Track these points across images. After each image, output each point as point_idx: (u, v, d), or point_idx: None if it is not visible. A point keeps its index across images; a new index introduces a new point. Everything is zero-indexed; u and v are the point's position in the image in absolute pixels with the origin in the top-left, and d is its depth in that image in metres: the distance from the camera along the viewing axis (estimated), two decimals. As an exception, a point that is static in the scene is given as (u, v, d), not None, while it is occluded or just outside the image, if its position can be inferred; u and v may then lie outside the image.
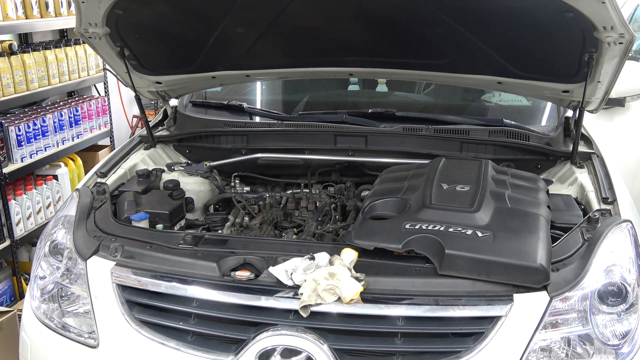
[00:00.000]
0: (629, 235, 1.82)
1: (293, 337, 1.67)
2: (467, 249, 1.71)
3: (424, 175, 2.19)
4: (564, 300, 1.68)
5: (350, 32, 2.39)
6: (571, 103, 2.53)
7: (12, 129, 3.62)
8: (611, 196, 2.12)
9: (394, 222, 1.90)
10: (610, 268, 1.74)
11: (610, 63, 2.16)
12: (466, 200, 1.95)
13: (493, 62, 2.40)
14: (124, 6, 2.28)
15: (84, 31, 2.40)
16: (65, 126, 4.15)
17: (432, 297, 1.69)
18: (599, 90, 2.35)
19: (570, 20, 2.00)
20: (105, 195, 2.25)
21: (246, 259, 1.83)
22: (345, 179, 2.70)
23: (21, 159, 3.69)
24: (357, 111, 2.86)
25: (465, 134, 2.60)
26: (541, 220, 1.89)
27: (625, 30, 1.98)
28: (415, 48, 2.47)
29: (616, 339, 1.69)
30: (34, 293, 2.07)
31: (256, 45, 2.49)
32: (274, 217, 2.46)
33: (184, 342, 1.78)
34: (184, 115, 2.93)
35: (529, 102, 3.10)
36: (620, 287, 1.71)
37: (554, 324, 1.68)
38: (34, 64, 3.90)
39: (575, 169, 2.45)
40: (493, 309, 1.66)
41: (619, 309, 1.71)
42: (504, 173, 2.26)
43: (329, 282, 1.66)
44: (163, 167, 2.69)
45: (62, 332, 1.97)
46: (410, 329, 1.69)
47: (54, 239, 2.08)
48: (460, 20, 2.21)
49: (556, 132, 2.68)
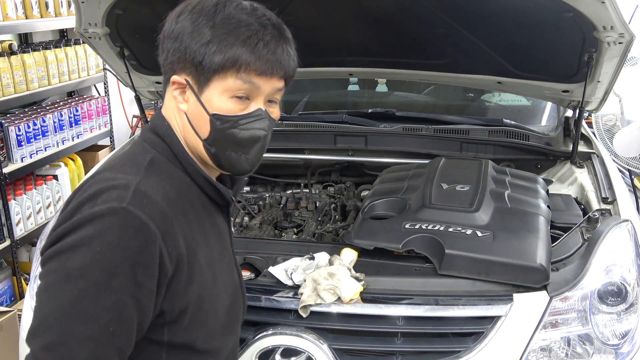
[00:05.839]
0: (629, 235, 1.82)
1: (293, 337, 1.67)
2: (467, 248, 1.71)
3: (424, 175, 2.19)
4: (563, 300, 1.68)
5: (350, 32, 2.39)
6: (571, 103, 2.53)
7: (12, 129, 3.62)
8: (611, 196, 2.12)
9: (394, 222, 1.90)
10: (610, 268, 1.74)
11: (610, 63, 2.16)
12: (466, 200, 1.95)
13: (493, 62, 2.40)
14: (123, 6, 2.28)
15: (84, 31, 2.40)
16: (65, 126, 4.15)
17: (431, 297, 1.69)
18: (599, 90, 2.35)
19: (570, 20, 2.01)
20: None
21: (246, 259, 1.83)
22: (345, 179, 2.70)
23: (21, 159, 3.69)
24: (357, 111, 2.86)
25: (465, 134, 2.60)
26: (541, 220, 1.89)
27: (625, 30, 1.98)
28: (415, 48, 2.47)
29: (616, 339, 1.69)
30: (34, 293, 2.07)
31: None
32: (274, 217, 2.46)
33: (183, 342, 1.78)
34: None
35: (529, 102, 3.10)
36: (620, 287, 1.71)
37: (554, 324, 1.68)
38: (34, 64, 3.90)
39: (575, 169, 2.45)
40: (493, 308, 1.66)
41: (619, 308, 1.71)
42: (503, 173, 2.26)
43: (328, 282, 1.66)
44: (163, 167, 2.68)
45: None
46: (410, 329, 1.69)
47: (54, 239, 2.08)
48: (460, 20, 2.22)
49: (556, 132, 2.69)
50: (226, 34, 1.13)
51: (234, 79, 1.14)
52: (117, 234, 1.03)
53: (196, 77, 1.16)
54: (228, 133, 1.18)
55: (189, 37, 1.15)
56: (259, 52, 1.14)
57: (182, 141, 1.22)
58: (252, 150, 1.22)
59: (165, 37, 1.20)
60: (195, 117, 1.19)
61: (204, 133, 1.19)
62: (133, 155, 1.21)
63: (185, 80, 1.18)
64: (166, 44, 1.20)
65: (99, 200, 1.06)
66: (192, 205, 1.20)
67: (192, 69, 1.16)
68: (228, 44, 1.13)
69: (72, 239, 1.03)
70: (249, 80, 1.15)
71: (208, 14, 1.15)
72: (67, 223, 1.06)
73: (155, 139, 1.22)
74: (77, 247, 1.03)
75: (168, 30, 1.20)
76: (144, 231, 1.05)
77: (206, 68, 1.14)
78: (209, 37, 1.13)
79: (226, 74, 1.14)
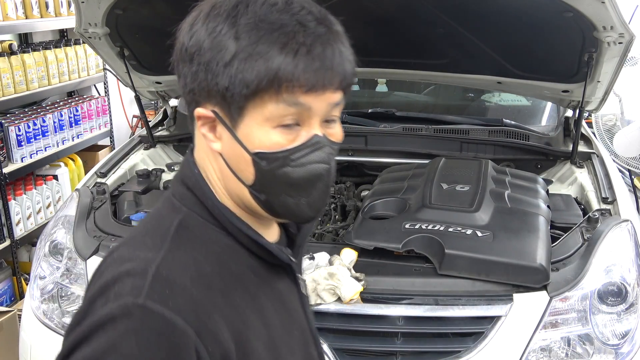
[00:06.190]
0: (629, 235, 1.82)
1: (293, 337, 1.67)
2: (467, 248, 1.71)
3: (424, 175, 2.19)
4: (563, 300, 1.68)
5: (350, 31, 2.38)
6: (571, 103, 2.53)
7: (12, 129, 3.62)
8: (611, 196, 2.12)
9: (394, 222, 1.90)
10: (610, 268, 1.74)
11: (610, 63, 2.16)
12: (466, 200, 1.95)
13: (493, 62, 2.40)
14: (123, 6, 2.28)
15: (84, 31, 2.40)
16: (65, 126, 4.15)
17: (431, 297, 1.69)
18: (599, 90, 2.35)
19: (570, 20, 2.01)
20: (105, 195, 2.25)
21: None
22: (345, 179, 2.70)
23: (21, 159, 3.69)
24: (357, 111, 2.86)
25: (465, 134, 2.60)
26: (541, 220, 1.89)
27: (625, 30, 1.98)
28: (415, 48, 2.47)
29: (616, 339, 1.69)
30: (34, 293, 2.07)
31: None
32: (274, 217, 2.46)
33: (183, 342, 1.78)
34: (184, 115, 2.93)
35: (529, 102, 3.10)
36: (620, 287, 1.71)
37: (554, 324, 1.68)
38: (34, 64, 3.90)
39: (575, 169, 2.45)
40: (493, 308, 1.66)
41: (619, 308, 1.71)
42: (503, 173, 2.26)
43: (328, 282, 1.66)
44: (163, 167, 2.69)
45: (62, 332, 1.96)
46: (410, 329, 1.69)
47: (54, 239, 2.08)
48: (460, 20, 2.21)
49: (556, 132, 2.68)
50: (255, 44, 0.84)
51: (274, 103, 0.86)
52: (135, 344, 0.79)
53: (225, 107, 0.88)
54: (279, 174, 0.89)
55: (208, 54, 0.87)
56: (303, 61, 0.85)
57: (220, 190, 0.94)
58: (314, 191, 0.93)
59: (179, 58, 0.92)
60: (234, 158, 0.91)
61: (248, 177, 0.90)
62: (159, 219, 0.95)
63: (213, 113, 0.89)
64: (181, 68, 0.91)
65: (112, 295, 0.82)
66: (239, 276, 0.93)
67: (219, 97, 0.87)
68: (260, 57, 0.84)
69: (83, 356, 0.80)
70: (294, 101, 0.86)
71: (228, 20, 0.87)
72: (78, 329, 0.82)
73: (185, 193, 0.95)
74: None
75: (180, 48, 0.91)
76: (171, 333, 0.79)
77: (236, 94, 0.86)
78: (233, 51, 0.85)
79: (263, 98, 0.86)
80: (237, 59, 0.85)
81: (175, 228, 0.90)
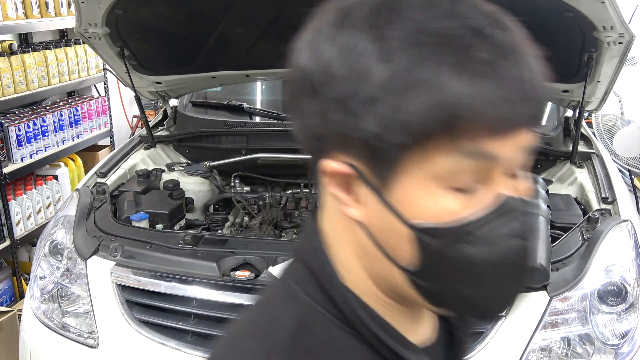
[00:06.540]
0: (629, 235, 1.82)
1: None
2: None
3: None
4: (563, 300, 1.68)
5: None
6: (571, 103, 2.53)
7: (12, 129, 3.62)
8: (611, 196, 2.12)
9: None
10: (610, 268, 1.74)
11: (610, 63, 2.16)
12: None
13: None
14: (123, 6, 2.28)
15: (84, 31, 2.40)
16: (65, 126, 4.15)
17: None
18: (599, 90, 2.35)
19: (569, 20, 2.00)
20: (105, 195, 2.25)
21: (246, 259, 1.83)
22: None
23: (21, 159, 3.69)
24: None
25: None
26: (541, 220, 1.89)
27: (625, 30, 1.98)
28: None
29: (616, 339, 1.69)
30: (34, 293, 2.07)
31: (256, 45, 2.49)
32: (274, 217, 2.46)
33: (183, 342, 1.78)
34: (184, 115, 2.94)
35: (529, 102, 3.10)
36: (620, 287, 1.71)
37: (554, 324, 1.68)
38: (34, 64, 3.90)
39: (575, 169, 2.45)
40: (493, 308, 1.66)
41: (619, 308, 1.71)
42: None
43: None
44: (163, 167, 2.69)
45: (62, 332, 1.97)
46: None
47: (54, 239, 2.09)
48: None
49: (556, 132, 2.68)
50: (416, 67, 0.56)
51: (446, 154, 0.57)
52: None
53: (371, 160, 0.60)
54: (454, 256, 0.60)
55: (343, 85, 0.58)
56: (487, 89, 0.55)
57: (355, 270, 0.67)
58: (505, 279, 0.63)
59: (297, 90, 0.64)
60: (383, 232, 0.63)
61: (404, 257, 0.62)
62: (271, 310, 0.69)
63: (352, 168, 0.61)
64: (302, 104, 0.63)
65: None
66: None
67: (361, 147, 0.59)
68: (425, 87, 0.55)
69: None
70: (477, 150, 0.57)
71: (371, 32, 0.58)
72: None
73: (303, 273, 0.69)
74: None
75: (299, 76, 0.63)
76: None
77: (389, 143, 0.57)
78: (384, 79, 0.56)
79: (428, 148, 0.57)
80: (389, 92, 0.56)
81: (294, 331, 0.65)
